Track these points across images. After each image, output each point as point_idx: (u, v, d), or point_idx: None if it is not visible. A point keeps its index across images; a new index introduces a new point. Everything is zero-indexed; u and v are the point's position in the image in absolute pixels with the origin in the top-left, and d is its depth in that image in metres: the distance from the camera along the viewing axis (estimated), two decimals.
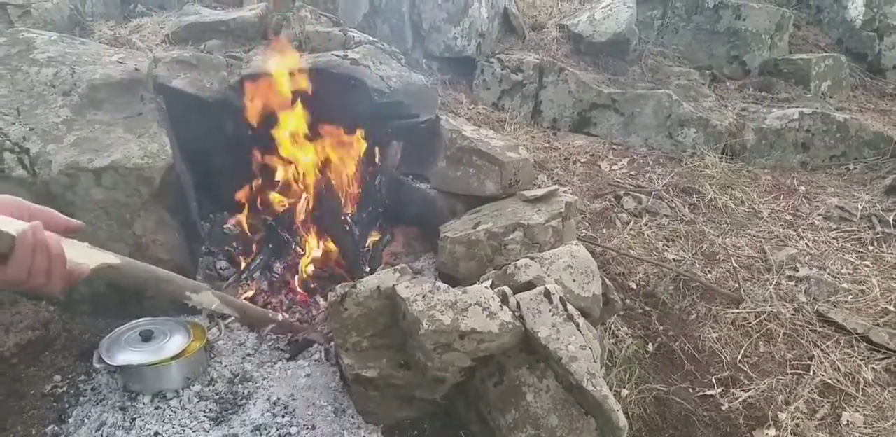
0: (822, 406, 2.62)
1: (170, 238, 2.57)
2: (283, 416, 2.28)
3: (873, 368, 2.78)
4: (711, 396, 2.61)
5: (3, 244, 0.86)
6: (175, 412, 2.25)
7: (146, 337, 2.28)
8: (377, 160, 3.30)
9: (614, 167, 4.30)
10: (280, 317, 1.72)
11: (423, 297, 2.04)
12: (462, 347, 1.97)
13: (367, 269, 2.91)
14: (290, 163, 2.99)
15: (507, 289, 2.15)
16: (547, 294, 2.10)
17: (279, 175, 2.99)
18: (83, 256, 0.97)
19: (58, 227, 0.94)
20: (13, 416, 2.21)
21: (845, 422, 2.56)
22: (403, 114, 3.32)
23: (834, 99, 5.94)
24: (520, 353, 2.07)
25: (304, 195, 2.99)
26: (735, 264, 3.28)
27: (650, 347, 2.79)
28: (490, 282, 2.29)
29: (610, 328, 2.74)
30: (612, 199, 3.83)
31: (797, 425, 2.50)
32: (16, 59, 2.64)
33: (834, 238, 3.76)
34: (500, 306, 2.05)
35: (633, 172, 4.24)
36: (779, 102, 5.43)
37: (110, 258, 1.00)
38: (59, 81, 2.58)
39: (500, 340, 1.98)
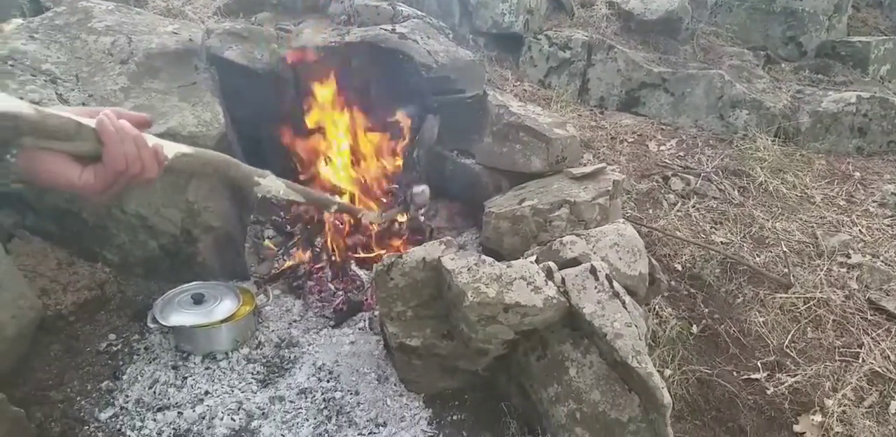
0: (871, 394, 2.57)
1: (221, 206, 2.62)
2: (328, 381, 2.33)
3: None
4: (756, 380, 2.58)
5: (88, 138, 0.85)
6: (224, 373, 2.32)
7: (198, 300, 2.35)
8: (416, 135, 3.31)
9: (662, 148, 4.23)
10: (339, 199, 1.73)
11: (469, 269, 2.05)
12: (506, 320, 1.98)
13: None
14: (335, 135, 3.01)
15: (552, 264, 2.15)
16: (593, 271, 2.09)
17: (324, 148, 3.02)
18: (159, 142, 0.96)
19: (124, 118, 0.91)
20: (70, 371, 2.30)
21: (894, 411, 2.51)
22: (450, 89, 3.30)
23: (893, 84, 5.72)
24: (563, 328, 2.07)
25: (350, 168, 3.01)
26: (785, 249, 3.21)
27: (694, 329, 2.76)
28: (535, 258, 2.29)
29: (654, 309, 2.72)
30: (660, 179, 3.78)
31: (844, 412, 2.45)
32: (74, 27, 2.69)
33: (889, 225, 3.65)
34: (545, 281, 2.04)
35: (681, 153, 4.17)
36: (835, 86, 5.25)
37: (183, 148, 1.00)
38: (117, 50, 2.63)
39: (543, 314, 1.98)
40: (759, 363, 2.67)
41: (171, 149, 0.98)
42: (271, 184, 1.22)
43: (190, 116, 2.46)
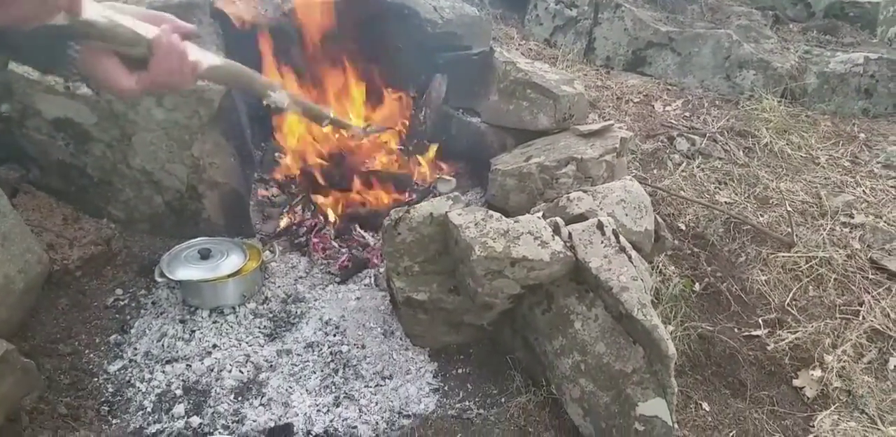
0: (870, 351, 2.60)
1: (226, 162, 2.61)
2: (335, 335, 2.36)
3: None
4: (757, 336, 2.61)
5: (142, 46, 0.93)
6: (231, 327, 2.34)
7: (204, 255, 2.36)
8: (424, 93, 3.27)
9: (668, 108, 4.19)
10: (332, 114, 1.77)
11: (476, 224, 2.05)
12: (512, 274, 1.99)
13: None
14: (340, 93, 2.99)
15: (559, 220, 2.15)
16: (600, 226, 2.09)
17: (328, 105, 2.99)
18: (197, 56, 1.05)
19: (176, 30, 0.99)
20: (77, 325, 2.33)
21: (892, 367, 2.54)
22: (456, 45, 3.26)
23: None
24: (569, 282, 2.08)
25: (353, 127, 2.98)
26: (789, 209, 3.20)
27: (697, 287, 2.77)
28: (541, 213, 2.29)
29: (658, 267, 2.73)
30: (665, 140, 3.75)
31: (843, 367, 2.49)
32: None
33: (893, 186, 3.64)
34: (552, 235, 2.05)
35: (687, 114, 4.13)
36: (843, 47, 5.17)
37: (216, 60, 1.09)
38: (120, 3, 2.57)
39: (550, 268, 2.00)
40: (760, 320, 2.69)
41: (206, 61, 1.07)
42: (280, 97, 1.30)
43: None
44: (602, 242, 2.05)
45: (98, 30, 0.87)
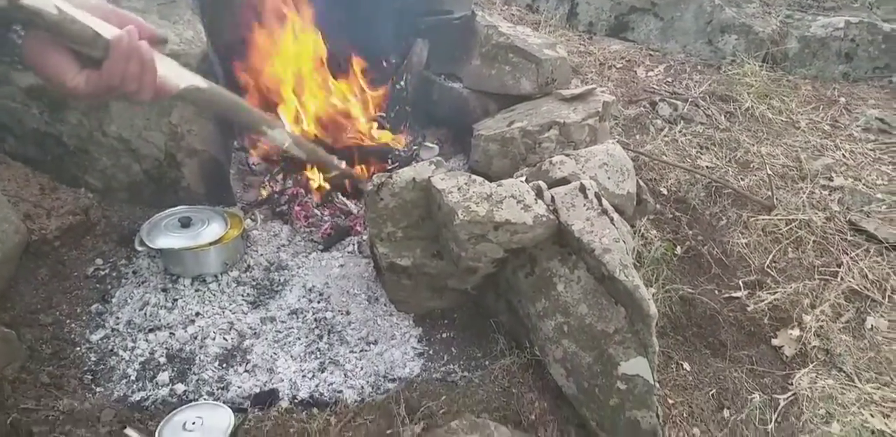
0: (848, 311, 2.65)
1: (205, 129, 2.56)
2: (319, 302, 2.36)
3: None
4: (737, 298, 2.65)
5: (98, 48, 0.86)
6: (214, 295, 2.33)
7: (185, 223, 2.33)
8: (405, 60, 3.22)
9: (650, 73, 4.17)
10: (343, 165, 1.76)
11: (459, 189, 2.04)
12: (496, 238, 1.99)
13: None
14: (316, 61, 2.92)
15: (541, 183, 2.15)
16: (582, 189, 2.09)
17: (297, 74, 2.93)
18: (172, 71, 0.97)
19: (143, 36, 0.91)
20: (58, 295, 2.30)
21: (869, 326, 2.59)
22: (437, 10, 3.21)
23: (881, 10, 5.62)
24: (552, 245, 2.08)
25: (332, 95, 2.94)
26: (769, 173, 3.22)
27: (678, 250, 2.80)
28: (524, 178, 2.28)
29: (639, 231, 2.74)
30: (647, 105, 3.74)
31: (821, 327, 2.53)
32: None
33: (871, 150, 3.67)
34: (535, 199, 2.05)
35: (669, 79, 4.12)
36: (824, 11, 5.16)
37: (198, 81, 1.01)
38: None
39: (533, 232, 2.00)
40: (740, 282, 2.72)
41: (186, 80, 0.99)
42: (278, 136, 1.22)
43: (171, 34, 2.37)
44: (584, 205, 2.05)
45: (45, 20, 0.80)
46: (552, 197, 2.08)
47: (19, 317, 2.17)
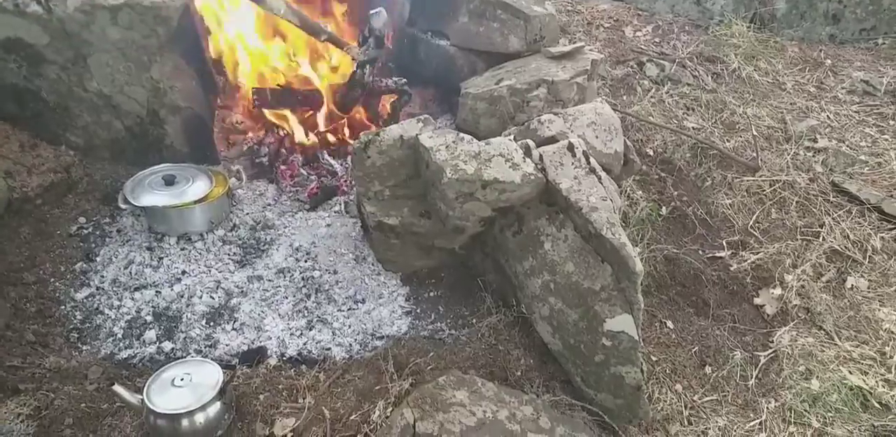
0: (829, 270, 2.69)
1: (187, 85, 2.51)
2: (306, 261, 2.35)
3: (882, 237, 2.83)
4: (720, 257, 2.68)
5: None
6: (200, 254, 2.32)
7: (169, 181, 2.30)
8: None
9: (638, 33, 4.12)
10: (329, 29, 1.74)
11: (447, 147, 2.02)
12: (483, 196, 1.98)
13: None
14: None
15: (530, 142, 2.13)
16: (570, 148, 2.08)
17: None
18: None
19: None
20: (41, 254, 2.28)
21: (850, 286, 2.64)
22: None
23: None
24: (540, 204, 2.08)
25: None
26: (754, 134, 3.23)
27: (664, 210, 2.81)
28: (512, 137, 2.26)
29: (625, 191, 2.76)
30: (635, 65, 3.71)
31: (802, 286, 2.58)
32: None
33: (856, 112, 3.69)
34: (523, 157, 2.04)
35: (657, 39, 4.07)
36: None
37: None
38: None
39: (521, 190, 1.99)
40: (724, 242, 2.76)
41: None
42: (274, 3, 1.20)
43: None
44: (572, 163, 2.04)
45: None
46: (540, 156, 2.07)
47: (2, 275, 2.15)
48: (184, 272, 2.25)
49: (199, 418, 1.65)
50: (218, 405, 1.69)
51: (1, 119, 2.45)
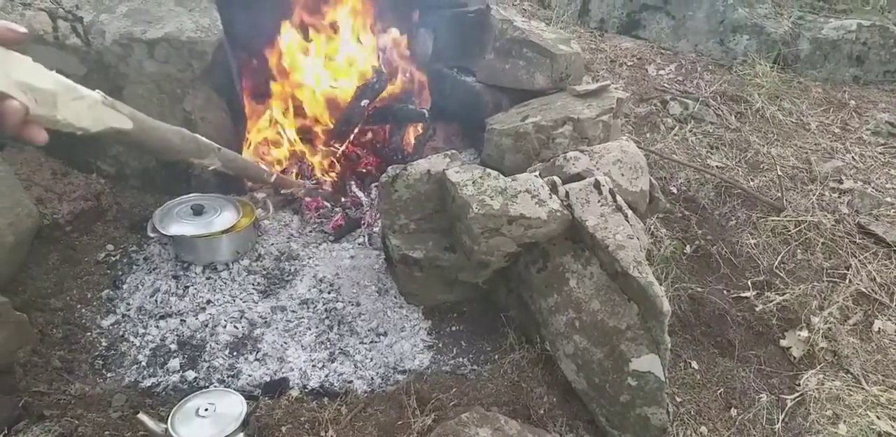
0: (856, 313, 2.66)
1: (217, 117, 2.56)
2: (329, 293, 2.36)
3: None
4: (746, 298, 2.65)
5: None
6: (226, 283, 2.33)
7: (197, 211, 2.33)
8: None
9: (661, 72, 4.17)
10: (274, 178, 1.80)
11: (474, 182, 2.04)
12: (509, 232, 1.99)
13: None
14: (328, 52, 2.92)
15: (556, 179, 2.14)
16: (597, 185, 2.09)
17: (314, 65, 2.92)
18: (55, 83, 0.76)
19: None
20: (69, 280, 2.30)
21: (877, 329, 2.60)
22: (451, 2, 3.20)
23: (893, 13, 5.62)
24: (565, 241, 2.09)
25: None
26: (779, 174, 3.23)
27: (688, 249, 2.80)
28: (538, 173, 2.28)
29: (650, 229, 2.75)
30: (658, 104, 3.74)
31: (829, 329, 2.54)
32: None
33: (881, 153, 3.68)
34: (550, 194, 2.05)
35: (680, 78, 4.11)
36: (836, 13, 5.15)
37: (123, 122, 0.85)
38: None
39: (547, 227, 2.00)
40: (749, 282, 2.73)
41: (105, 119, 0.83)
42: (206, 162, 1.25)
43: (188, 20, 2.36)
44: (599, 201, 2.05)
45: None
46: (566, 193, 2.08)
47: (30, 301, 2.17)
48: (209, 301, 2.26)
49: None
50: (241, 436, 1.68)
51: (34, 147, 2.51)
